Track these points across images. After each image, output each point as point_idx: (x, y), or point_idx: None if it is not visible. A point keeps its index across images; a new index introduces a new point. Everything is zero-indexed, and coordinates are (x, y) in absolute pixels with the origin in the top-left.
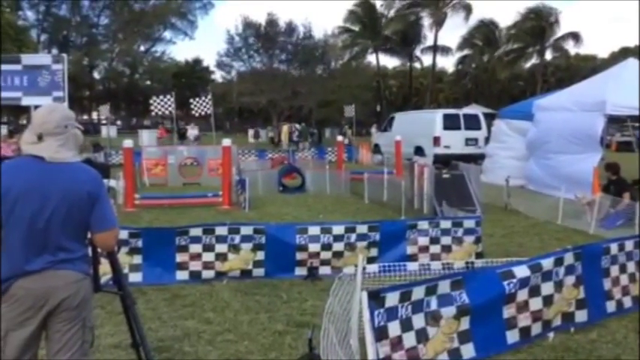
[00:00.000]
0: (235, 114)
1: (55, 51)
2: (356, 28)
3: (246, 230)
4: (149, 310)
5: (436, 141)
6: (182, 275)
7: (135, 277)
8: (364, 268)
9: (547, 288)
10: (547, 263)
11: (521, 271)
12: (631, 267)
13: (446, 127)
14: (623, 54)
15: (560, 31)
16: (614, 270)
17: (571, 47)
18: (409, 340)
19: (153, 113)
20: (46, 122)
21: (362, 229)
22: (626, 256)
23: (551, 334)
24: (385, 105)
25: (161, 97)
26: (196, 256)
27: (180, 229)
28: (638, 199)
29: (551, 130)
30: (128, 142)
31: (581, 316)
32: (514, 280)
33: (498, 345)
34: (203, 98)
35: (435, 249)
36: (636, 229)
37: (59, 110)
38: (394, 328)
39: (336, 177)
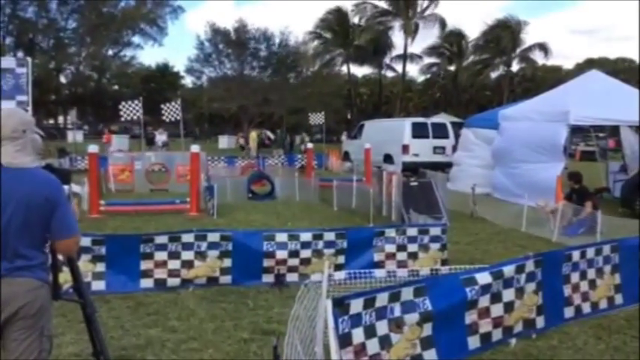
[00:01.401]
0: (205, 120)
1: (20, 54)
2: (327, 36)
3: (213, 237)
4: (112, 319)
5: (405, 149)
6: (147, 283)
7: (98, 285)
8: (331, 275)
9: (508, 294)
10: (508, 270)
11: (483, 278)
12: (591, 273)
13: (414, 136)
14: (589, 65)
15: (527, 42)
16: (575, 277)
17: (539, 58)
18: (372, 346)
19: (122, 119)
20: (3, 127)
21: (329, 236)
22: (587, 263)
23: (513, 340)
24: (356, 112)
25: (129, 102)
26: (162, 264)
27: (145, 236)
28: (600, 208)
29: (516, 139)
30: (93, 147)
31: (541, 322)
32: (476, 287)
33: (460, 351)
34: (173, 104)
35: (401, 256)
36: (598, 236)
37: (17, 115)
38: (358, 335)
39: (306, 184)
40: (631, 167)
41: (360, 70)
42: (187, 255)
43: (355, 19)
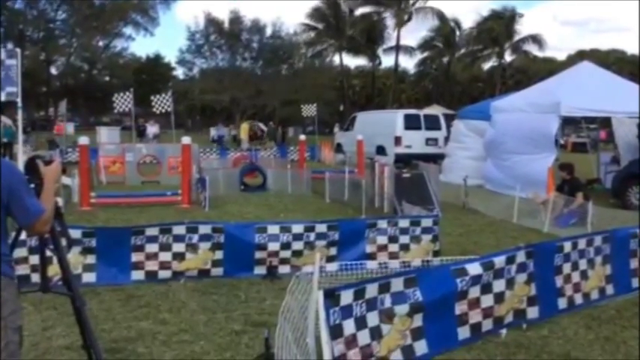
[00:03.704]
0: (197, 112)
1: (10, 46)
2: (320, 26)
3: (205, 229)
4: (103, 311)
5: (397, 141)
6: (137, 275)
7: (88, 278)
8: (323, 267)
9: (499, 285)
10: (499, 261)
11: (474, 269)
12: (583, 264)
13: (407, 127)
14: (580, 56)
15: (520, 33)
16: (567, 267)
17: (534, 50)
18: (363, 337)
19: (115, 110)
20: None
21: (321, 228)
22: (579, 254)
23: (503, 331)
24: (348, 104)
25: (121, 93)
26: (153, 256)
27: (136, 228)
28: (591, 199)
29: (508, 130)
30: (84, 139)
31: (532, 312)
32: (466, 278)
33: (450, 341)
34: (164, 95)
35: (393, 247)
36: (588, 227)
37: None
38: (349, 326)
39: (298, 176)
40: (625, 158)
41: (353, 62)
42: (179, 247)
43: (348, 8)
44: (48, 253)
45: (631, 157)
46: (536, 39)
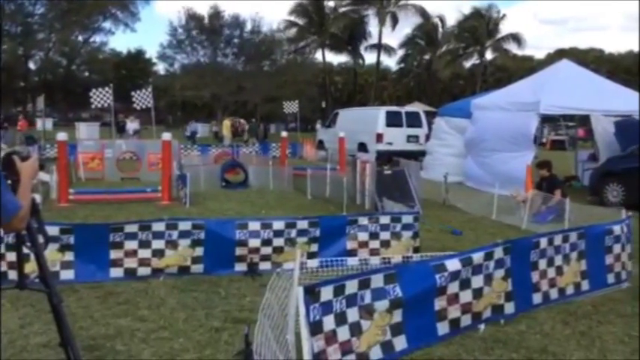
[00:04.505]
0: (178, 108)
1: None
2: (302, 23)
3: (185, 226)
4: (81, 309)
5: (379, 138)
6: (116, 272)
7: (67, 275)
8: (304, 263)
9: (477, 281)
10: (478, 257)
11: (453, 265)
12: (558, 260)
13: (388, 124)
14: (559, 55)
15: (501, 32)
16: (542, 263)
17: (514, 48)
18: (343, 333)
19: (93, 106)
20: None
21: (302, 224)
22: (555, 250)
23: (481, 326)
24: (330, 101)
25: (100, 89)
26: (132, 253)
27: (115, 225)
28: (569, 196)
29: (488, 128)
30: (62, 135)
31: (509, 308)
32: (446, 274)
33: (429, 336)
34: (144, 91)
35: (374, 244)
36: (566, 224)
37: None
38: (329, 322)
39: (280, 173)
40: (603, 156)
41: (335, 58)
42: (158, 244)
43: (331, 3)
44: (25, 250)
45: (609, 155)
46: (516, 37)
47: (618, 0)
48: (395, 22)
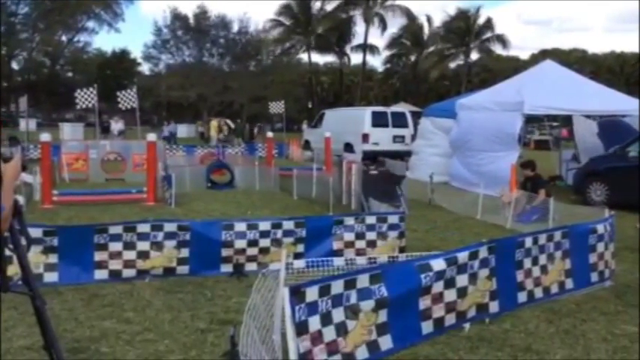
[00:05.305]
0: (164, 108)
1: None
2: (288, 23)
3: (170, 227)
4: (65, 311)
5: (365, 138)
6: (101, 274)
7: (50, 277)
8: (290, 264)
9: (462, 280)
10: (462, 256)
11: (438, 264)
12: (543, 259)
13: (374, 125)
14: (543, 55)
15: (486, 33)
16: (527, 262)
17: (498, 49)
18: (329, 333)
19: (77, 107)
20: None
21: (288, 225)
22: (539, 249)
23: (466, 325)
24: (317, 101)
25: (84, 89)
26: (116, 255)
27: (99, 226)
28: (553, 195)
29: (473, 128)
30: (45, 136)
31: (494, 307)
32: (430, 273)
33: (414, 336)
34: (129, 91)
35: (360, 244)
36: (550, 223)
37: None
38: (314, 323)
39: (266, 173)
40: (584, 156)
41: (321, 59)
42: (143, 245)
43: (317, 4)
44: (7, 252)
45: (590, 155)
46: (500, 38)
47: (601, 0)
48: (384, 24)
